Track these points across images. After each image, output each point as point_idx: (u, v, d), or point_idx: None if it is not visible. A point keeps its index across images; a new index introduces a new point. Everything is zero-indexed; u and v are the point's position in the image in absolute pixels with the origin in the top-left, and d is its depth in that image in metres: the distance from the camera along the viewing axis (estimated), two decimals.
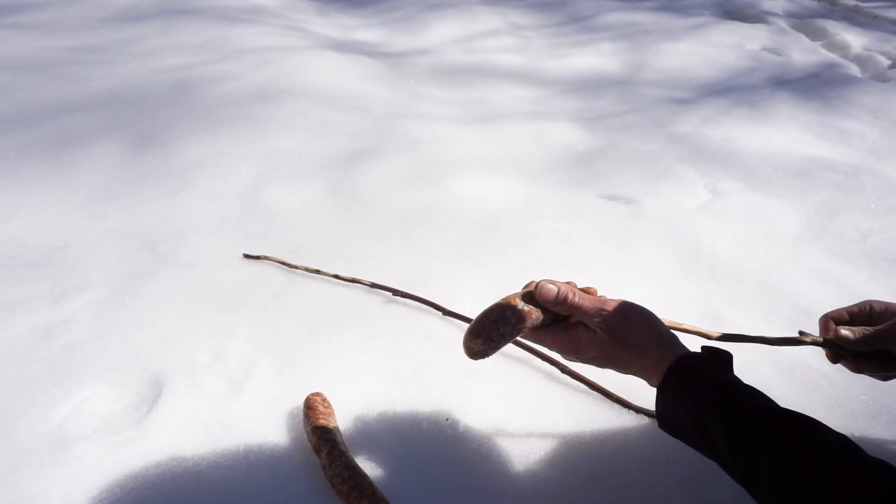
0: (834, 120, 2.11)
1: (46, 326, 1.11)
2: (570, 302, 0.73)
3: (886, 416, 0.93)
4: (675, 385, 0.68)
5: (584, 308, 0.73)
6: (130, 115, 2.00)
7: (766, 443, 0.59)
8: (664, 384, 0.69)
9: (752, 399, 0.65)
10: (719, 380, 0.67)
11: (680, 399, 0.67)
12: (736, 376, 0.70)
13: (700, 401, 0.65)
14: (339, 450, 0.82)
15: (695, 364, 0.68)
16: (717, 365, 0.70)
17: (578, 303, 0.73)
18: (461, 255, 1.34)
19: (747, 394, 0.66)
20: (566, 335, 0.75)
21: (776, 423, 0.61)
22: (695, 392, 0.66)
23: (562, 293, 0.72)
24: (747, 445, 0.60)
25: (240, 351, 1.06)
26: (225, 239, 1.39)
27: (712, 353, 0.71)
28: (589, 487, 0.83)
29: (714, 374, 0.67)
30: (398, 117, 2.09)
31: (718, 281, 1.27)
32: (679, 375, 0.68)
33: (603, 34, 3.17)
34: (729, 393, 0.65)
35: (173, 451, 0.87)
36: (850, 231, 1.45)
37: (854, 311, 0.81)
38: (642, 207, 1.54)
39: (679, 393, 0.68)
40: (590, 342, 0.73)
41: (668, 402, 0.69)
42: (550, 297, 0.73)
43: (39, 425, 0.91)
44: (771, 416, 0.62)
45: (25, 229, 1.41)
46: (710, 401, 0.65)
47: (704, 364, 0.68)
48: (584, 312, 0.73)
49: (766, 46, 2.97)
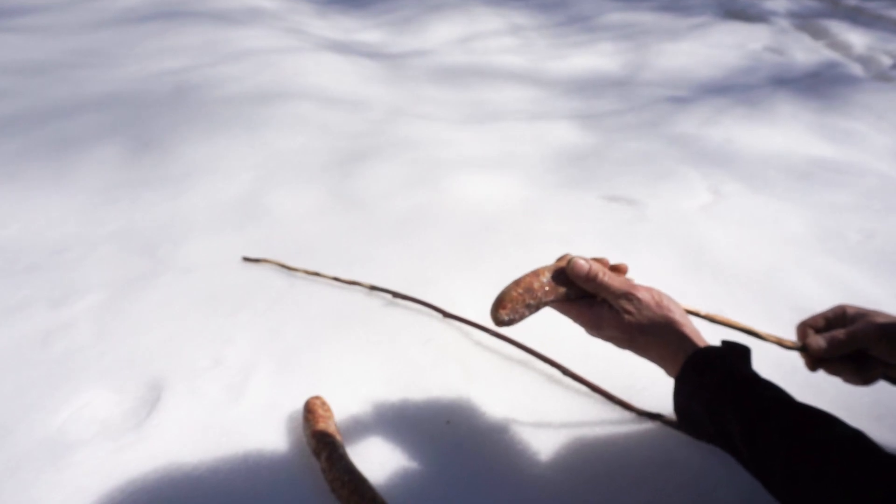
0: (836, 120, 2.10)
1: (45, 331, 1.11)
2: (599, 280, 0.74)
3: (891, 419, 0.92)
4: (693, 377, 0.69)
5: (611, 288, 0.74)
6: (130, 118, 2.00)
7: (781, 436, 0.60)
8: (682, 376, 0.70)
9: (769, 392, 0.65)
10: (737, 373, 0.67)
11: (697, 391, 0.68)
12: (754, 370, 0.70)
13: (717, 394, 0.66)
14: (338, 453, 0.82)
15: (713, 357, 0.69)
16: (736, 358, 0.70)
17: (607, 282, 0.74)
18: (462, 258, 1.33)
19: (764, 387, 0.66)
20: (590, 311, 0.77)
21: (792, 417, 0.61)
22: (712, 385, 0.67)
23: (592, 271, 0.75)
24: (763, 439, 0.61)
25: (239, 355, 1.05)
26: (224, 242, 1.39)
27: (731, 347, 0.72)
28: (591, 490, 0.82)
29: (732, 368, 0.68)
30: (398, 119, 2.08)
31: (720, 283, 1.26)
32: (697, 368, 0.68)
33: (604, 34, 3.16)
34: (746, 386, 0.66)
35: (173, 455, 0.86)
36: (853, 232, 1.44)
37: (829, 317, 0.83)
38: (644, 209, 1.54)
39: (696, 385, 0.68)
40: (612, 321, 0.75)
41: (685, 394, 0.70)
42: (581, 273, 0.75)
43: (39, 430, 0.91)
44: (787, 409, 0.62)
45: (24, 233, 1.41)
46: (726, 394, 0.65)
47: (722, 357, 0.69)
48: (610, 292, 0.74)
49: (767, 46, 2.96)
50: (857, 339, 0.77)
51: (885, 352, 0.76)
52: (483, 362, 1.04)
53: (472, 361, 1.04)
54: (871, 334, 0.76)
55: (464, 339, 1.10)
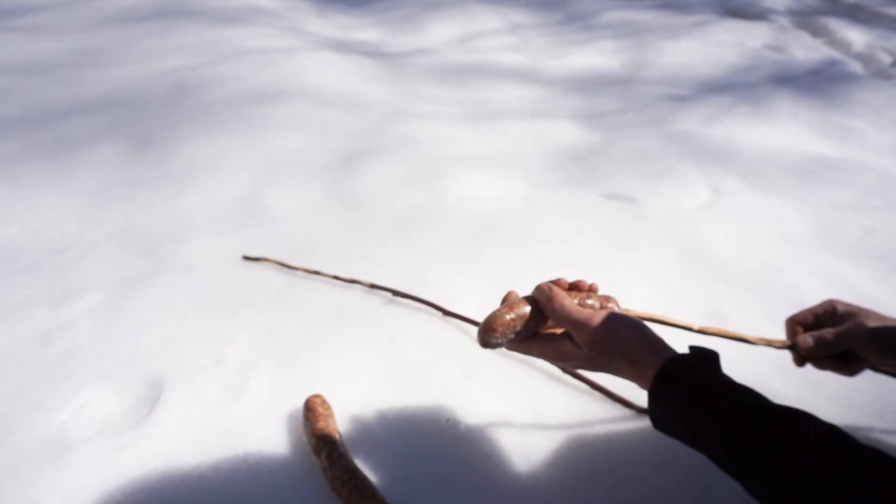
0: (836, 118, 2.10)
1: (46, 331, 1.11)
2: (550, 309, 0.73)
3: (891, 415, 0.92)
4: (663, 389, 0.69)
5: (560, 320, 0.73)
6: (129, 117, 2.00)
7: (757, 441, 0.60)
8: (653, 389, 0.70)
9: (740, 398, 0.65)
10: (705, 381, 0.67)
11: (669, 402, 0.68)
12: (724, 375, 0.70)
13: (688, 403, 0.66)
14: (339, 452, 0.82)
15: (681, 367, 0.69)
16: (704, 366, 0.70)
17: (556, 310, 0.73)
18: (461, 256, 1.33)
19: (735, 391, 0.66)
20: (552, 347, 0.76)
21: (766, 421, 0.61)
22: (682, 395, 0.67)
23: (542, 301, 0.74)
24: (739, 445, 0.61)
25: (239, 354, 1.05)
26: (224, 241, 1.39)
27: (698, 354, 0.72)
28: (591, 487, 0.82)
29: (700, 376, 0.68)
30: (398, 118, 2.08)
31: (720, 280, 1.26)
32: (666, 379, 0.69)
33: (603, 32, 3.16)
34: (716, 393, 0.66)
35: (173, 454, 0.86)
36: (853, 230, 1.44)
37: (819, 313, 0.83)
38: (643, 207, 1.54)
39: (667, 397, 0.68)
40: (573, 352, 0.75)
41: (659, 407, 0.70)
42: (542, 302, 0.74)
43: (39, 429, 0.91)
44: (760, 413, 0.63)
45: (24, 233, 1.41)
46: (697, 403, 0.65)
47: (690, 366, 0.69)
48: (563, 323, 0.74)
49: (767, 44, 2.96)
50: (846, 341, 0.77)
51: (873, 353, 0.77)
52: (482, 360, 1.04)
53: (472, 360, 1.04)
54: (860, 337, 0.76)
55: (464, 338, 1.10)
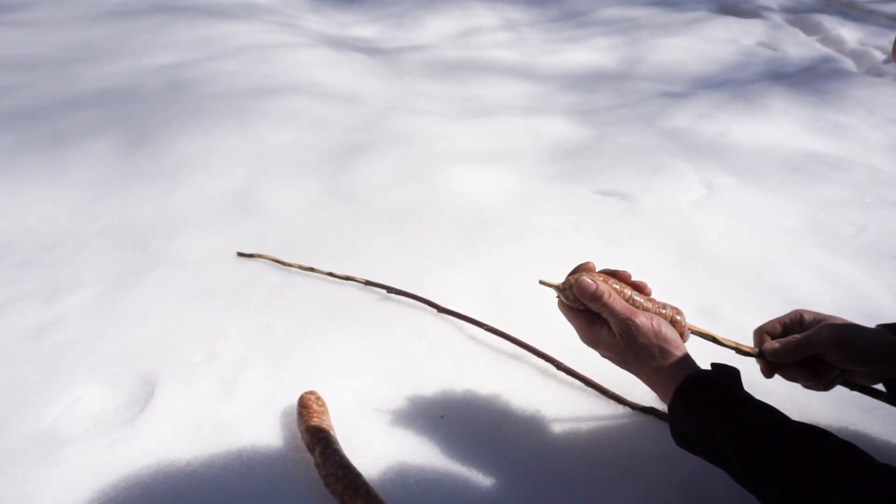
0: (829, 114, 2.11)
1: (37, 326, 1.10)
2: (603, 302, 0.75)
3: (882, 411, 0.92)
4: (683, 404, 0.71)
5: (613, 312, 0.75)
6: (123, 112, 1.98)
7: (774, 457, 0.61)
8: (674, 403, 0.72)
9: (759, 414, 0.67)
10: (726, 397, 0.69)
11: (688, 417, 0.70)
12: (745, 392, 0.72)
13: (708, 419, 0.68)
14: (332, 448, 0.82)
15: (702, 382, 0.71)
16: (725, 382, 0.72)
17: (610, 305, 0.75)
18: (455, 252, 1.33)
19: (754, 408, 0.68)
20: (590, 328, 0.78)
21: (783, 436, 0.63)
22: (702, 410, 0.69)
23: (598, 292, 0.75)
24: (756, 460, 0.62)
25: (233, 350, 1.05)
26: (218, 237, 1.38)
27: (719, 370, 0.74)
28: (584, 483, 0.82)
29: (721, 392, 0.70)
30: (392, 114, 2.08)
31: (714, 276, 1.26)
32: (686, 395, 0.70)
33: (598, 29, 3.16)
34: (736, 409, 0.68)
35: (166, 450, 0.86)
36: (845, 225, 1.45)
37: (786, 322, 0.84)
38: (637, 203, 1.54)
39: (687, 411, 0.70)
40: (608, 342, 0.77)
41: (679, 421, 0.72)
42: (588, 292, 0.75)
43: (30, 425, 0.90)
44: (778, 429, 0.64)
45: (16, 228, 1.40)
46: (717, 418, 0.67)
47: (711, 382, 0.71)
48: (612, 316, 0.75)
49: (761, 41, 2.96)
50: (812, 345, 0.78)
51: (839, 358, 0.77)
52: (477, 357, 1.04)
53: (466, 356, 1.05)
54: (826, 340, 0.77)
55: (458, 334, 1.10)
